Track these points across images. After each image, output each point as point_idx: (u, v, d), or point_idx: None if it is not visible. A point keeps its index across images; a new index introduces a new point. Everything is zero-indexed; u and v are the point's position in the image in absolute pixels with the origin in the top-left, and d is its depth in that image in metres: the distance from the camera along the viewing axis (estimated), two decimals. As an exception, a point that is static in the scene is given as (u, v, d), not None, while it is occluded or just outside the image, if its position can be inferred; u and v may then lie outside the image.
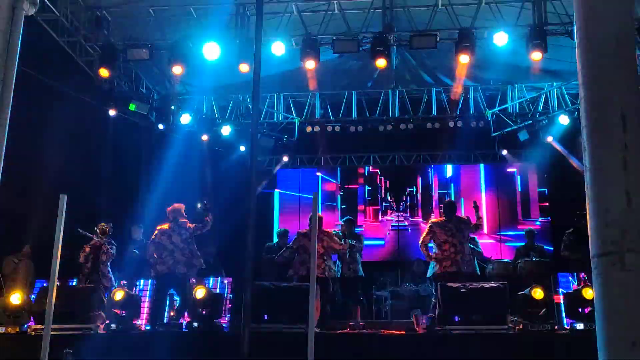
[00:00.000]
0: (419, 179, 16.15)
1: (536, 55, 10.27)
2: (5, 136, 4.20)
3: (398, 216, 15.75)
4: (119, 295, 8.58)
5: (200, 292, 8.31)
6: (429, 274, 9.14)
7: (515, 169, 15.65)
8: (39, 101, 11.08)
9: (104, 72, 11.13)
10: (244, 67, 10.72)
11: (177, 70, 10.95)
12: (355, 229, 12.40)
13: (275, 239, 11.67)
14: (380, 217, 15.97)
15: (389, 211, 16.00)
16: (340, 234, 10.56)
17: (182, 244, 9.09)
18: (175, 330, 8.40)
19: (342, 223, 11.78)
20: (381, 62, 10.70)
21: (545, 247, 11.78)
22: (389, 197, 16.10)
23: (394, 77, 13.25)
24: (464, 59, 10.51)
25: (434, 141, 14.72)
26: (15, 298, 8.12)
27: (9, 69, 4.24)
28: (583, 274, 8.85)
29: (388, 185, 16.21)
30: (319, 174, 16.39)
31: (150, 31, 11.23)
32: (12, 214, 10.38)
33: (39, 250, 10.49)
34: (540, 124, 13.72)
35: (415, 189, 16.10)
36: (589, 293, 7.40)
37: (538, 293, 7.65)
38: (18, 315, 8.07)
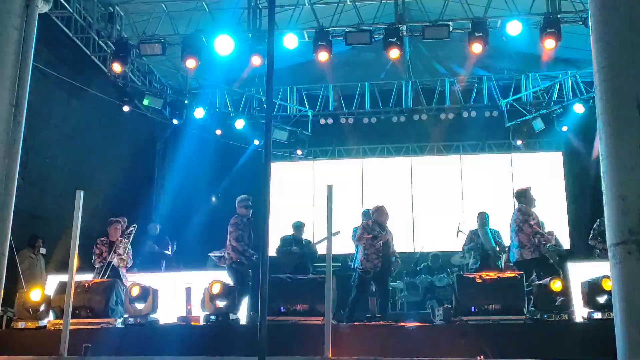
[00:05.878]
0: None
1: (550, 44, 10.16)
2: (22, 131, 4.23)
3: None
4: (135, 291, 8.58)
5: (215, 287, 8.28)
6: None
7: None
8: (52, 97, 11.15)
9: (117, 68, 11.22)
10: (257, 60, 10.71)
11: (190, 64, 10.93)
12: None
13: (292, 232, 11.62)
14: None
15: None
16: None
17: None
18: (191, 324, 8.43)
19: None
20: (394, 53, 10.62)
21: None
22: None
23: (407, 68, 13.21)
24: (476, 48, 10.44)
25: (448, 132, 14.63)
26: (36, 294, 8.13)
27: (25, 66, 4.28)
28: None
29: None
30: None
31: (163, 26, 11.28)
32: (28, 209, 10.40)
33: (54, 245, 10.53)
34: (554, 113, 13.63)
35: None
36: (608, 284, 7.26)
37: (557, 285, 7.50)
38: (37, 310, 8.10)
